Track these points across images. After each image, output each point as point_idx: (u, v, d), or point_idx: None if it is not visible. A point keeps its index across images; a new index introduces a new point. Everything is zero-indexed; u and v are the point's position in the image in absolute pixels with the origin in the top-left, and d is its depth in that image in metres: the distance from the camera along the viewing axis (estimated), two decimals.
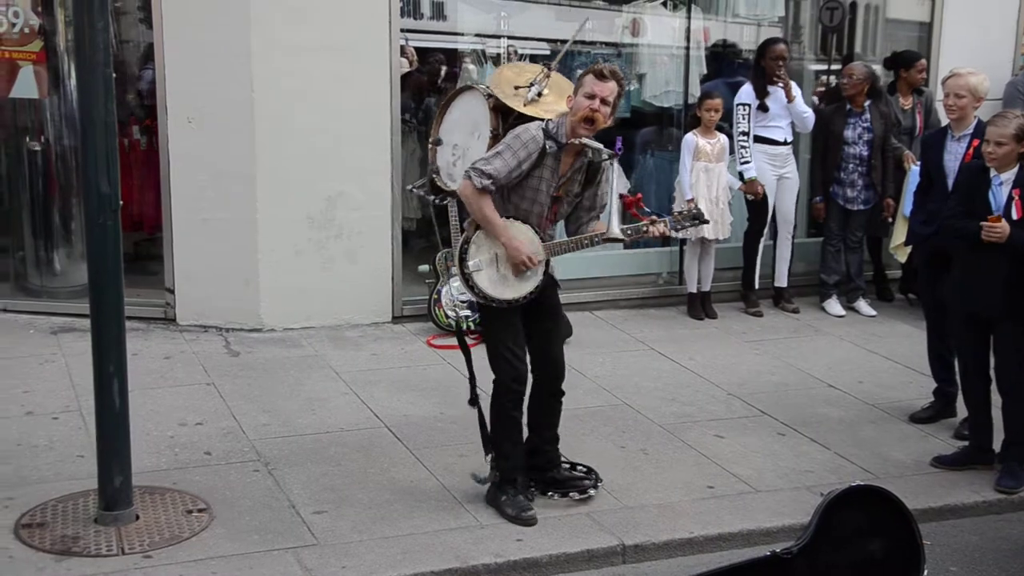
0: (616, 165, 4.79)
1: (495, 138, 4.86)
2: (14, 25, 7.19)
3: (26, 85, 7.32)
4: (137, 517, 4.70)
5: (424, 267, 7.65)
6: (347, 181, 7.32)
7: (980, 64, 6.62)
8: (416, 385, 6.47)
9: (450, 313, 7.18)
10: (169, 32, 7.05)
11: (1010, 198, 5.27)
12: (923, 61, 8.53)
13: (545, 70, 5.08)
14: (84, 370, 5.08)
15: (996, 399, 5.68)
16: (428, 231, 8.67)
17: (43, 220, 7.73)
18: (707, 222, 5.21)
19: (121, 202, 4.54)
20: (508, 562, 4.56)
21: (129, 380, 4.68)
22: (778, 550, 4.10)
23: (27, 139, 7.64)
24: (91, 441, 4.87)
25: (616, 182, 4.83)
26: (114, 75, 4.49)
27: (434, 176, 5.20)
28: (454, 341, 6.99)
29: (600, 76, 4.67)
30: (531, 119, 4.83)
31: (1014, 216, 5.24)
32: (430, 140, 5.27)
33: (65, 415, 5.80)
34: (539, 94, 4.97)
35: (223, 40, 7.04)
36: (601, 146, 4.69)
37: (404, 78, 7.85)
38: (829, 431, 6.06)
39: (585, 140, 4.67)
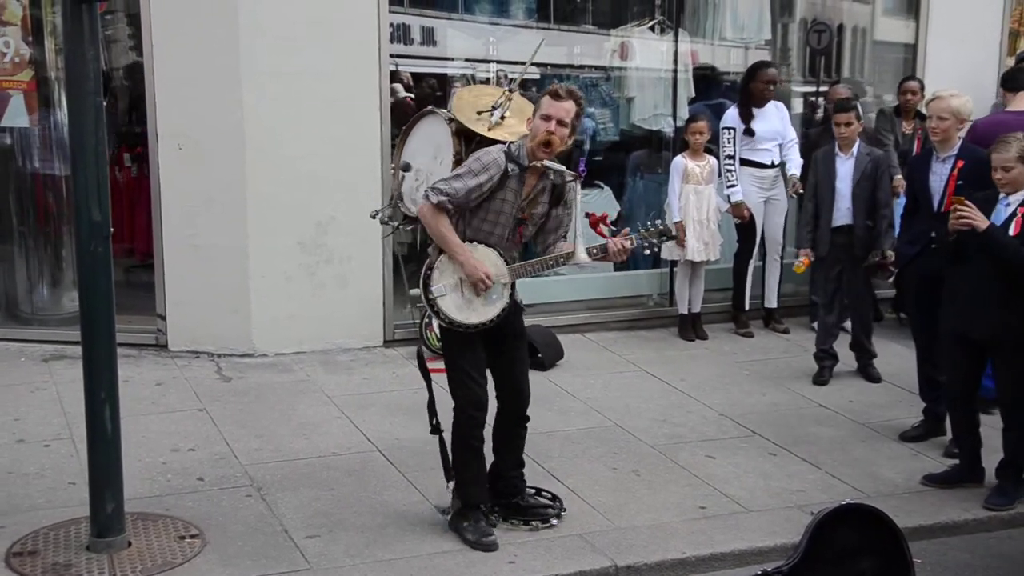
0: (579, 186, 4.72)
1: (458, 162, 4.83)
2: (4, 54, 7.21)
3: (17, 114, 7.34)
4: (129, 544, 4.69)
5: (415, 291, 7.62)
6: (337, 206, 7.33)
7: (965, 85, 6.68)
8: (408, 408, 6.47)
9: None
10: (159, 60, 7.08)
11: (1013, 215, 5.26)
12: (909, 83, 8.55)
13: (507, 92, 5.06)
14: (75, 397, 5.08)
15: (986, 418, 5.72)
16: (420, 255, 8.69)
17: (34, 247, 7.73)
18: (675, 237, 5.14)
19: (112, 229, 4.56)
20: None
21: (121, 407, 4.68)
22: (769, 569, 4.11)
23: (19, 166, 7.65)
24: (83, 468, 4.87)
25: (580, 203, 4.76)
26: (104, 103, 4.51)
27: (398, 202, 5.17)
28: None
29: (556, 96, 4.64)
30: (493, 142, 4.81)
31: (1012, 232, 5.24)
32: (398, 165, 5.20)
33: (56, 442, 5.79)
34: (502, 117, 4.95)
35: (213, 67, 7.07)
36: (563, 168, 4.67)
37: (396, 104, 7.86)
38: (820, 450, 6.08)
39: (547, 162, 4.64)
